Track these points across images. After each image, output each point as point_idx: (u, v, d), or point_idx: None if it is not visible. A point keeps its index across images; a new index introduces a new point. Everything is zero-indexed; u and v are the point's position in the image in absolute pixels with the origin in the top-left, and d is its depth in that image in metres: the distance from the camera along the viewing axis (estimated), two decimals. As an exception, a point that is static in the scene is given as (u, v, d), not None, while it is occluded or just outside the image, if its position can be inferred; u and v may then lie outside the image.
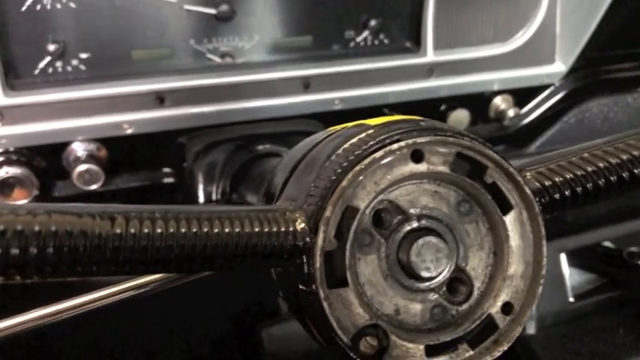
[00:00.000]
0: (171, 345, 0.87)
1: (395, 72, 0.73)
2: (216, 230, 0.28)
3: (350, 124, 0.36)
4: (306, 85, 0.70)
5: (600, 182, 0.35)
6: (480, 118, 0.80)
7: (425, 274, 0.32)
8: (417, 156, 0.32)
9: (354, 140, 0.32)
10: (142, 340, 0.84)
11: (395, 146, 0.31)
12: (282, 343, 0.79)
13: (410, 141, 0.31)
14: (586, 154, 0.36)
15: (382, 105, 0.74)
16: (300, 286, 0.32)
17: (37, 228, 0.24)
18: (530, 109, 0.82)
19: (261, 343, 0.78)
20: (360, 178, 0.31)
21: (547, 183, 0.35)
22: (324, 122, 0.73)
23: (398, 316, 0.33)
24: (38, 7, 0.61)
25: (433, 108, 0.77)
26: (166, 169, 0.72)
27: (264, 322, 0.80)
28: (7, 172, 0.63)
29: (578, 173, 0.35)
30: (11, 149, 0.63)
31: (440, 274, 0.33)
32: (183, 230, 0.27)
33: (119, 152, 0.68)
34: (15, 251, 0.24)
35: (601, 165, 0.35)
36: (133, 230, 0.26)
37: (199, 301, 0.78)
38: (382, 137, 0.31)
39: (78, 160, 0.65)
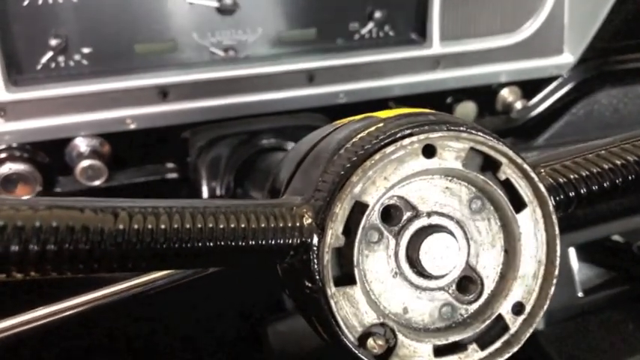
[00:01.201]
0: (175, 341, 0.87)
1: (400, 64, 0.72)
2: (221, 226, 0.28)
3: (357, 117, 0.35)
4: (311, 78, 0.69)
5: (617, 181, 0.34)
6: (488, 111, 0.79)
7: (434, 272, 0.31)
8: (428, 151, 0.31)
9: (363, 134, 0.31)
10: (146, 336, 0.84)
11: (406, 141, 0.30)
12: (287, 340, 0.78)
13: (422, 136, 0.30)
14: (603, 151, 0.35)
15: (388, 98, 0.74)
16: (307, 283, 0.31)
17: (37, 224, 0.23)
18: (538, 101, 0.81)
19: (266, 340, 0.78)
20: (370, 173, 0.30)
21: (562, 180, 0.34)
22: (329, 116, 0.72)
23: (406, 315, 0.32)
24: (40, 1, 0.60)
25: (440, 100, 0.76)
26: (170, 165, 0.71)
27: (269, 318, 0.79)
28: (10, 169, 0.62)
29: (594, 170, 0.34)
30: (14, 145, 0.63)
31: (449, 272, 0.32)
32: (187, 226, 0.27)
33: (122, 147, 0.67)
34: (15, 248, 0.23)
35: (618, 162, 0.34)
36: (136, 226, 0.25)
37: (204, 297, 0.78)
38: (393, 131, 0.30)
39: (81, 156, 0.64)
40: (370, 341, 0.31)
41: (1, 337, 0.35)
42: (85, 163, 0.64)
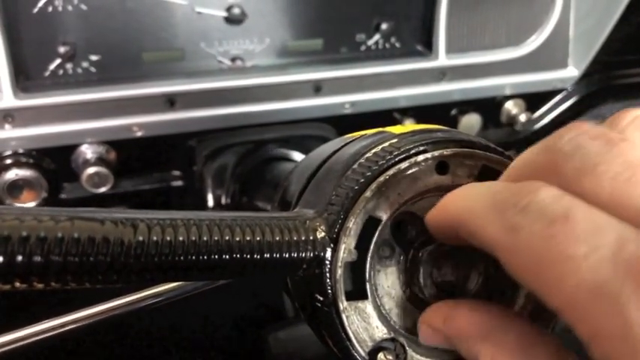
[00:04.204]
0: (177, 350, 0.87)
1: (406, 76, 0.72)
2: (237, 238, 0.28)
3: (369, 132, 0.35)
4: (317, 88, 0.69)
5: None
6: (492, 123, 0.80)
7: (445, 288, 0.32)
8: (442, 168, 0.31)
9: (377, 149, 0.31)
10: (148, 346, 0.84)
11: (420, 157, 0.31)
12: (289, 348, 0.78)
13: (436, 152, 0.31)
14: None
15: (393, 109, 0.74)
16: (318, 297, 0.31)
17: (59, 235, 0.24)
18: (542, 113, 0.81)
19: (267, 348, 0.78)
20: (384, 188, 0.30)
21: None
22: (335, 126, 0.72)
23: (416, 330, 0.33)
24: (50, 9, 0.61)
25: (444, 112, 0.77)
26: (176, 172, 0.71)
27: (270, 326, 0.79)
28: (16, 175, 0.62)
29: None
30: (21, 151, 0.63)
31: (460, 288, 0.32)
32: (205, 238, 0.27)
33: (128, 155, 0.67)
34: (37, 259, 0.23)
35: None
36: (155, 238, 0.26)
37: (205, 305, 0.78)
38: (407, 147, 0.31)
39: (87, 163, 0.65)
40: (380, 356, 0.31)
41: (10, 348, 0.35)
42: (91, 170, 0.64)
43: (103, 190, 0.66)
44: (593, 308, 0.20)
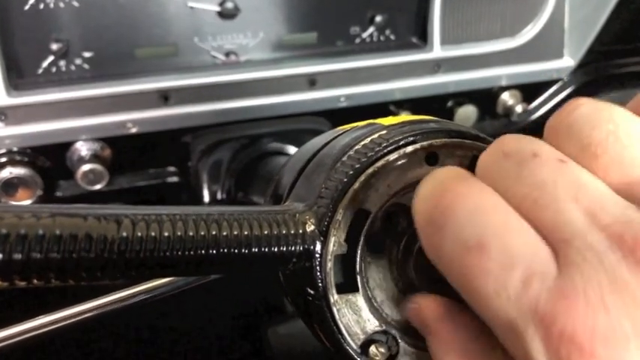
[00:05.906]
0: (175, 345, 0.87)
1: (401, 68, 0.72)
2: (224, 233, 0.28)
3: (360, 124, 0.35)
4: (312, 82, 0.69)
5: None
6: (488, 114, 0.79)
7: (436, 279, 0.31)
8: (431, 159, 0.31)
9: (366, 141, 0.31)
10: (147, 341, 0.84)
11: (410, 148, 0.30)
12: (288, 342, 0.78)
13: (425, 143, 0.30)
14: None
15: (389, 102, 0.74)
16: (309, 290, 0.31)
17: (40, 232, 0.23)
18: (539, 104, 0.81)
19: (267, 342, 0.78)
20: (373, 180, 0.30)
21: None
22: (330, 119, 0.72)
23: (408, 322, 0.33)
24: (41, 5, 0.60)
25: (440, 104, 0.76)
26: (171, 168, 0.71)
27: (269, 320, 0.80)
28: (10, 173, 0.62)
29: None
30: (15, 149, 0.63)
31: None
32: (191, 233, 0.27)
33: (123, 151, 0.67)
34: (18, 256, 0.23)
35: None
36: (139, 234, 0.25)
37: (204, 300, 0.78)
38: (396, 139, 0.30)
39: (82, 160, 0.64)
40: (372, 348, 0.31)
41: (2, 345, 0.35)
42: (86, 167, 0.64)
43: (98, 187, 0.65)
44: (505, 339, 0.22)
